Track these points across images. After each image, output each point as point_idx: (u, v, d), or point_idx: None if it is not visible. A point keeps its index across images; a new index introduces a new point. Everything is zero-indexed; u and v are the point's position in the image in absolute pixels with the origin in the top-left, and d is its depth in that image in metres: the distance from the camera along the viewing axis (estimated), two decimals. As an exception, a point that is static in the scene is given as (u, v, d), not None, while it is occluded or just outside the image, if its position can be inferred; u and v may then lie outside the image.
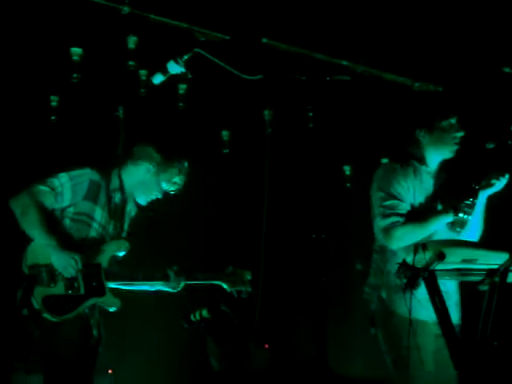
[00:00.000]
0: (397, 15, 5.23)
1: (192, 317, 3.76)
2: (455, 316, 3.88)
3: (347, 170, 5.93)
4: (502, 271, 3.42)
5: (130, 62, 4.87)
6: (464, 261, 3.45)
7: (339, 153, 5.74)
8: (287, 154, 5.22)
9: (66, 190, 3.75)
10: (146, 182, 3.94)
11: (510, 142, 3.77)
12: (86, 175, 3.81)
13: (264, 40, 5.03)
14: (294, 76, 3.01)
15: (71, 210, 3.78)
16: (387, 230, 3.77)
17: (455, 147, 3.94)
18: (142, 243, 4.01)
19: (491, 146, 3.79)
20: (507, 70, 4.13)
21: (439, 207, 3.93)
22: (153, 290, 3.94)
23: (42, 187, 3.72)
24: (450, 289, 3.84)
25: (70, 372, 3.61)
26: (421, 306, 3.67)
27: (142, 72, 4.96)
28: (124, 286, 3.86)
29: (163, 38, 4.73)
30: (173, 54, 3.67)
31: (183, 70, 3.52)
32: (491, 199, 4.04)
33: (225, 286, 3.98)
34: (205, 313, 3.74)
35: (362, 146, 5.84)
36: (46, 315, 3.59)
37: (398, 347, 3.70)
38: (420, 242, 3.48)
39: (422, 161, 3.95)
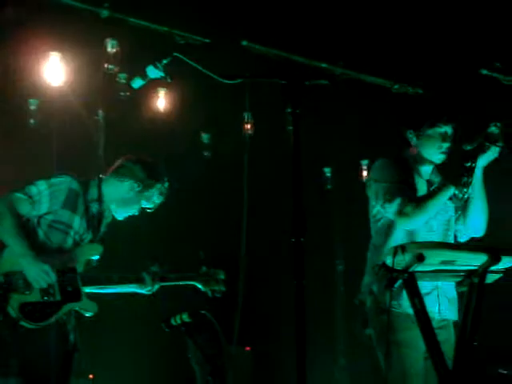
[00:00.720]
0: (376, 17, 5.26)
1: (172, 321, 3.76)
2: (451, 312, 3.89)
3: (327, 171, 5.96)
4: (481, 272, 3.45)
5: (110, 66, 4.85)
6: (443, 262, 3.47)
7: (319, 155, 5.76)
8: (267, 157, 5.23)
9: (43, 198, 3.74)
10: (127, 200, 3.94)
11: (486, 144, 3.79)
12: (65, 183, 3.80)
13: (244, 43, 5.05)
14: (273, 79, 3.01)
15: (50, 217, 3.77)
16: (399, 212, 3.75)
17: (440, 156, 3.95)
18: (116, 245, 4.01)
19: (468, 147, 3.81)
20: (484, 71, 4.17)
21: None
22: (128, 292, 3.94)
23: (19, 195, 3.71)
24: (445, 285, 3.84)
25: (47, 378, 3.59)
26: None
27: (122, 76, 4.95)
28: (99, 289, 3.85)
29: (143, 42, 4.73)
30: (152, 58, 3.66)
31: (162, 74, 3.53)
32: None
33: (199, 285, 4.00)
34: (185, 317, 3.73)
35: (342, 147, 5.86)
36: (23, 323, 3.57)
37: (388, 342, 3.71)
38: (399, 244, 3.51)
39: (415, 159, 3.95)
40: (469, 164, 3.76)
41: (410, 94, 5.49)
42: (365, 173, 5.90)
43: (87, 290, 3.78)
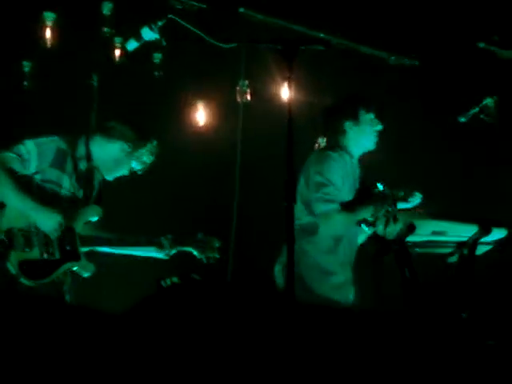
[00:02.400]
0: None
1: (163, 283, 3.77)
2: None
3: (322, 142, 5.93)
4: (471, 243, 3.47)
5: (105, 29, 4.81)
6: (434, 233, 3.50)
7: (313, 124, 5.73)
8: (261, 126, 5.20)
9: (32, 156, 3.73)
10: (118, 161, 3.91)
11: (481, 117, 3.80)
12: (53, 142, 3.79)
13: (241, 10, 5.01)
14: (269, 45, 2.99)
15: (38, 176, 3.76)
16: (327, 215, 3.84)
17: (376, 139, 4.04)
18: (114, 208, 4.01)
19: (463, 119, 3.82)
20: (482, 45, 4.15)
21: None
22: (144, 255, 3.97)
23: (9, 154, 3.69)
24: None
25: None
26: (337, 290, 3.80)
27: (117, 39, 4.90)
28: (112, 249, 3.87)
29: (139, 5, 4.68)
30: (147, 21, 3.63)
31: (157, 36, 3.51)
32: (466, 172, 4.10)
33: (195, 252, 4.02)
34: (175, 279, 3.75)
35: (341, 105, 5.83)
36: (22, 280, 3.59)
37: None
38: (390, 212, 3.51)
39: (347, 151, 4.01)
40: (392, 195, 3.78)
41: (407, 66, 5.47)
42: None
43: (104, 249, 3.81)
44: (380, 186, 3.59)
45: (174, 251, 3.97)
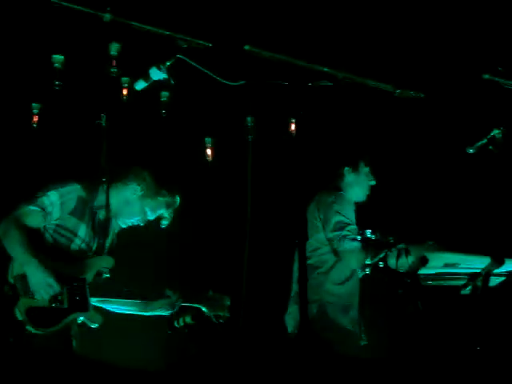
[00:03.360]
0: (379, 22, 5.26)
1: (175, 323, 3.75)
2: None
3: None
4: (484, 275, 3.45)
5: (112, 69, 4.84)
6: (446, 265, 3.49)
7: (321, 159, 5.75)
8: (270, 161, 5.22)
9: (55, 208, 3.74)
10: (129, 203, 3.89)
11: (490, 148, 3.80)
12: (75, 192, 3.80)
13: (246, 47, 5.05)
14: (276, 82, 3.01)
15: (56, 222, 3.76)
16: (353, 253, 3.92)
17: (368, 193, 4.23)
18: (123, 260, 3.98)
19: (471, 151, 3.82)
20: (487, 76, 4.17)
21: None
22: (148, 314, 3.91)
23: (32, 208, 3.71)
24: None
25: None
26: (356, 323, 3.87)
27: (124, 79, 4.94)
28: (118, 309, 3.84)
29: (146, 46, 4.72)
30: (155, 61, 3.66)
31: (165, 76, 3.53)
32: (475, 203, 4.11)
33: (204, 309, 3.96)
34: (188, 319, 3.73)
35: (344, 152, 5.85)
36: (28, 327, 3.56)
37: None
38: (401, 246, 3.52)
39: (347, 194, 4.12)
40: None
41: (412, 99, 5.50)
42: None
43: (109, 307, 3.79)
44: (372, 235, 3.71)
45: (177, 306, 3.89)
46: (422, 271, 3.46)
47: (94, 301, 3.77)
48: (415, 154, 5.33)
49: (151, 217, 3.94)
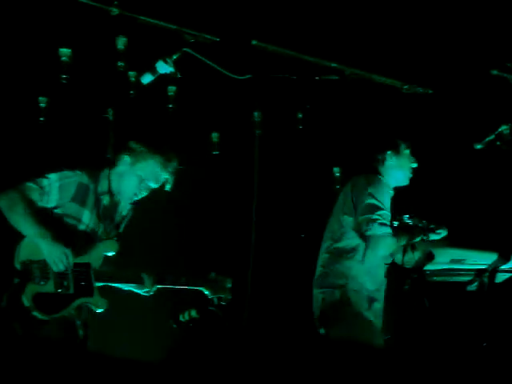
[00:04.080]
0: (386, 17, 5.24)
1: (181, 317, 3.75)
2: None
3: (336, 171, 5.93)
4: (491, 271, 3.44)
5: (120, 63, 4.85)
6: (452, 261, 3.47)
7: (329, 154, 5.74)
8: (277, 156, 5.21)
9: (53, 189, 3.73)
10: (124, 175, 3.83)
11: (498, 143, 3.79)
12: (76, 177, 3.79)
13: (254, 42, 5.05)
14: (284, 76, 3.00)
15: (59, 211, 3.76)
16: (381, 238, 3.83)
17: (410, 175, 4.15)
18: (128, 243, 3.99)
19: (479, 146, 3.81)
20: (495, 72, 4.15)
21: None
22: (125, 289, 3.91)
23: (28, 184, 3.71)
24: None
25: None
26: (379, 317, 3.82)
27: (132, 73, 4.94)
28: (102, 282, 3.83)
29: (152, 40, 4.72)
30: (162, 55, 3.66)
31: (172, 69, 3.52)
32: (483, 199, 4.11)
33: (206, 292, 3.95)
34: (194, 313, 3.72)
35: (351, 147, 5.84)
36: (35, 313, 3.57)
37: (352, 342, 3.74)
38: (409, 242, 3.51)
39: (385, 179, 4.08)
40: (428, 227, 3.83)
41: (420, 95, 5.48)
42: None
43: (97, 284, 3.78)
44: (409, 219, 3.70)
45: (154, 289, 3.86)
46: (428, 267, 3.44)
47: (100, 285, 3.75)
48: (423, 150, 5.31)
49: (152, 183, 3.86)
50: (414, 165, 4.16)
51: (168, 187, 3.88)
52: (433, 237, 3.77)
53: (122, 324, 5.01)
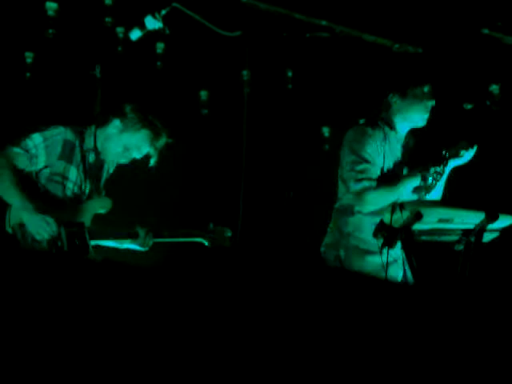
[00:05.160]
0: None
1: None
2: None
3: (326, 131, 5.91)
4: (478, 231, 3.46)
5: (107, 19, 4.78)
6: (440, 220, 3.48)
7: (318, 114, 5.72)
8: (266, 114, 5.19)
9: (40, 151, 3.68)
10: (110, 138, 3.78)
11: (487, 103, 3.78)
12: (60, 134, 3.73)
13: (243, -1, 4.98)
14: (274, 33, 2.97)
15: (47, 171, 3.72)
16: (359, 194, 3.81)
17: (426, 115, 3.96)
18: (119, 200, 3.97)
19: (469, 106, 3.80)
20: (486, 31, 4.12)
21: (405, 172, 3.95)
22: (124, 247, 3.90)
23: (15, 149, 3.64)
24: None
25: None
26: (381, 270, 3.70)
27: (119, 29, 4.88)
28: (100, 242, 3.82)
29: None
30: (150, 10, 3.61)
31: (161, 25, 3.48)
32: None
33: (206, 243, 3.95)
34: None
35: (341, 107, 5.82)
36: None
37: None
38: (395, 202, 3.51)
39: (391, 126, 3.97)
40: (444, 154, 3.77)
41: (411, 53, 5.45)
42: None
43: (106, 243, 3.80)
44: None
45: (151, 243, 3.84)
46: (416, 226, 3.44)
47: (93, 243, 3.74)
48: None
49: (136, 154, 3.82)
50: (430, 102, 3.95)
51: (152, 162, 3.84)
52: (456, 162, 3.79)
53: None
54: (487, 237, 3.56)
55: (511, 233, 3.58)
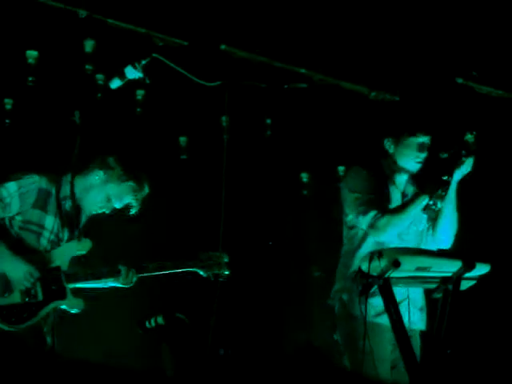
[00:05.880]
0: (354, 24, 5.28)
1: (147, 323, 3.72)
2: (420, 322, 3.91)
3: (304, 177, 5.96)
4: (455, 279, 3.47)
5: (87, 66, 4.82)
6: (418, 268, 3.49)
7: (296, 160, 5.76)
8: (245, 161, 5.22)
9: (14, 199, 3.65)
10: (92, 189, 3.76)
11: (463, 152, 3.82)
12: (35, 183, 3.70)
13: (222, 47, 5.05)
14: (253, 83, 3.01)
15: (19, 218, 3.68)
16: (372, 225, 3.79)
17: (418, 165, 3.95)
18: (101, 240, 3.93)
19: (445, 155, 3.84)
20: (460, 80, 4.20)
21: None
22: (107, 287, 3.85)
23: None
24: (414, 295, 3.85)
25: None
26: (385, 312, 3.64)
27: (99, 76, 4.91)
28: (82, 284, 3.77)
29: (121, 43, 4.69)
30: (131, 59, 3.65)
31: (141, 75, 3.51)
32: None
33: (201, 272, 3.86)
34: (160, 320, 3.70)
35: (319, 153, 5.88)
36: (1, 325, 3.51)
37: (354, 350, 3.72)
38: (375, 250, 3.52)
39: (391, 173, 3.97)
40: (446, 177, 3.81)
41: (387, 101, 5.54)
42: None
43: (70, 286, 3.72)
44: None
45: (135, 279, 3.75)
46: (394, 274, 3.45)
47: (71, 286, 3.69)
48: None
49: (117, 204, 3.80)
50: (423, 154, 3.92)
51: (133, 212, 3.83)
52: (462, 172, 3.80)
53: (88, 326, 4.97)
54: (465, 285, 3.58)
55: (488, 281, 3.60)
